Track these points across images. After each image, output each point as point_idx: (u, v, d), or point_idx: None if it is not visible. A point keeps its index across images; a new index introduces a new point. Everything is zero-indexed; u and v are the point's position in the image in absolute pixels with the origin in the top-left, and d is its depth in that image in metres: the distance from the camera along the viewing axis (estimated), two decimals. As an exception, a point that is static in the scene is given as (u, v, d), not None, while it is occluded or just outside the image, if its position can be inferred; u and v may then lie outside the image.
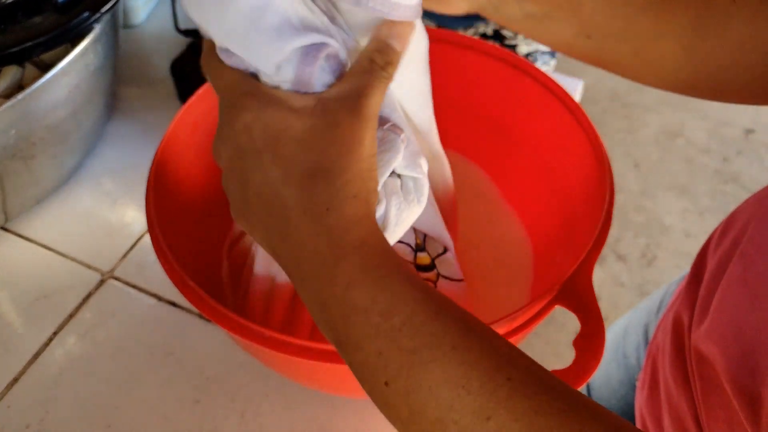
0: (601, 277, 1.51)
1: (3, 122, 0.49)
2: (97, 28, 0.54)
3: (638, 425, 0.51)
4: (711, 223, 1.62)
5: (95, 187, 0.64)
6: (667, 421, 0.44)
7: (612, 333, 0.67)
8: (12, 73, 0.56)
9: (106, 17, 0.55)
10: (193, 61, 0.68)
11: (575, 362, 0.36)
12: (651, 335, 0.59)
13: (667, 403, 0.44)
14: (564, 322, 1.37)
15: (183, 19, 0.72)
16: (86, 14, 0.53)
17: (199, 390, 0.50)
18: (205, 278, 0.45)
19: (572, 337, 0.37)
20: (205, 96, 0.49)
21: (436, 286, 0.47)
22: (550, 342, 1.36)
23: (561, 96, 0.50)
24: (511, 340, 0.38)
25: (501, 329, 0.37)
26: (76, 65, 0.53)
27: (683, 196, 1.70)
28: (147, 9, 0.81)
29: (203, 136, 0.49)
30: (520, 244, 0.57)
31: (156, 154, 0.45)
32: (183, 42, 0.76)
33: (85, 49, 0.53)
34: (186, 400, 0.50)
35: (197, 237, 0.48)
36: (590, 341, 0.37)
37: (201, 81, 0.66)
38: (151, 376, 0.51)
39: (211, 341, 0.53)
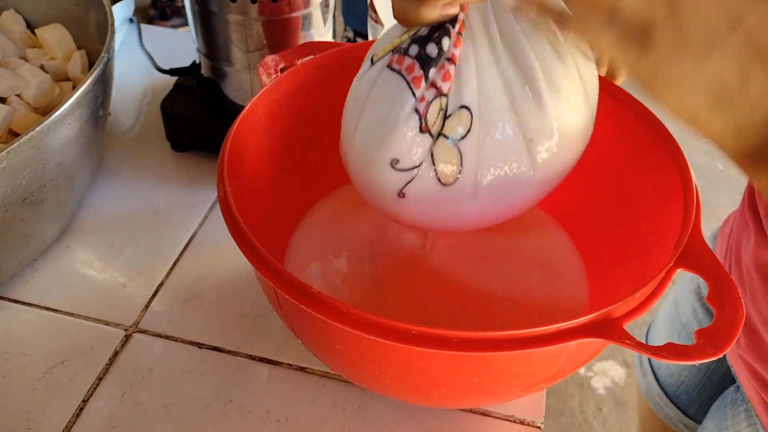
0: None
1: (19, 160, 0.43)
2: (105, 56, 0.50)
3: (740, 372, 0.51)
4: None
5: (96, 239, 0.57)
6: None
7: (661, 311, 0.68)
8: (2, 115, 0.50)
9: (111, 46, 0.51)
10: (181, 100, 0.64)
11: (717, 319, 0.35)
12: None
13: None
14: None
15: (161, 59, 0.68)
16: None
17: (274, 435, 0.45)
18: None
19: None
20: (278, 84, 0.47)
21: None
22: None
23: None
24: (641, 310, 0.37)
25: (640, 297, 0.36)
26: (86, 97, 0.48)
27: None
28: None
29: (277, 122, 0.48)
30: (565, 248, 0.55)
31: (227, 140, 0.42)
32: (159, 82, 0.72)
33: (96, 79, 0.48)
34: (260, 449, 0.44)
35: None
36: (724, 294, 0.36)
37: (190, 119, 0.62)
38: (214, 430, 0.45)
39: (271, 380, 0.48)
